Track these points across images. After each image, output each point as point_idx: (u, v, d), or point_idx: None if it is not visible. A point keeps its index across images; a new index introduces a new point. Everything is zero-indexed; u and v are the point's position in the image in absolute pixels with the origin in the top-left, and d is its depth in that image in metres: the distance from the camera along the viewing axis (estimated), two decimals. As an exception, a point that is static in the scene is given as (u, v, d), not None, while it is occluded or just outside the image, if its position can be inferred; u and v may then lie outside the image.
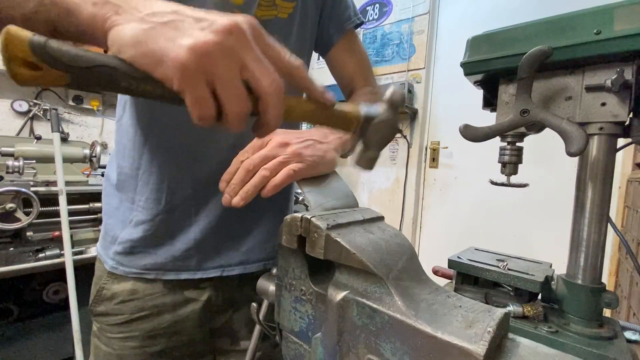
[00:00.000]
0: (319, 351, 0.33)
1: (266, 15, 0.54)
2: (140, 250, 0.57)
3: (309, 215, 0.35)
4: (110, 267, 0.58)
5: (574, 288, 0.50)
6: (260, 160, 0.45)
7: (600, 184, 0.48)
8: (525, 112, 0.47)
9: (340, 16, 0.67)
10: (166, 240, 0.58)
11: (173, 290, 0.59)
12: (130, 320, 0.58)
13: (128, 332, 0.58)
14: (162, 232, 0.57)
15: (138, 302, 0.58)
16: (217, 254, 0.60)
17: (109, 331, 0.59)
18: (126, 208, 0.59)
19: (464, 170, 2.23)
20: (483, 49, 0.54)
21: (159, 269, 0.58)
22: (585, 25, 0.45)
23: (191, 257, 0.58)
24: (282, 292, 0.39)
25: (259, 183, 0.44)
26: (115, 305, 0.58)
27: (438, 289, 0.33)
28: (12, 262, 1.31)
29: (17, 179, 1.44)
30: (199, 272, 0.59)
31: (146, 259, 0.57)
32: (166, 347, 0.59)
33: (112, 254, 0.59)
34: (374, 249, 0.32)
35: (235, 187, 0.45)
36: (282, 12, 0.56)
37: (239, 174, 0.45)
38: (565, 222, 0.58)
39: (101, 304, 0.59)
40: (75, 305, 1.35)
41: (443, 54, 2.36)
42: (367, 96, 0.67)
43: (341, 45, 0.69)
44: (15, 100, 2.19)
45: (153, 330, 0.58)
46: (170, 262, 0.58)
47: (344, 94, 0.75)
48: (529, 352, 0.27)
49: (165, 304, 0.59)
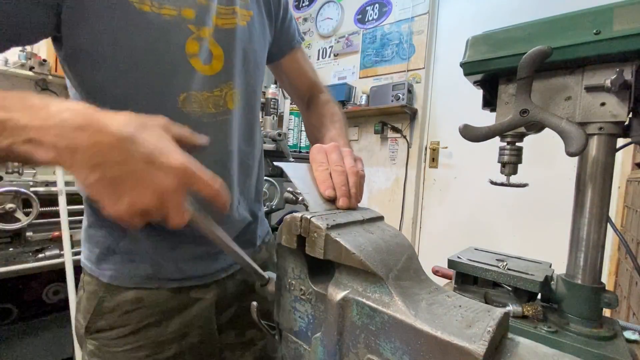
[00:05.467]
0: (319, 351, 0.33)
1: (227, 24, 0.56)
2: (140, 259, 0.56)
3: (308, 215, 0.35)
4: (108, 278, 0.56)
5: (574, 288, 0.50)
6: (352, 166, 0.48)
7: (600, 184, 0.48)
8: (525, 112, 0.47)
9: (289, 35, 0.74)
10: (165, 250, 0.56)
11: (179, 293, 0.58)
12: (137, 329, 0.56)
13: (135, 342, 0.56)
14: (159, 243, 0.56)
15: (144, 310, 0.56)
16: (216, 259, 0.61)
17: (114, 345, 0.56)
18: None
19: (463, 170, 2.23)
20: (483, 49, 0.54)
21: (161, 278, 0.57)
22: (585, 25, 0.45)
23: (191, 265, 0.58)
24: (282, 291, 0.39)
25: (362, 184, 0.48)
26: (120, 317, 0.55)
27: (438, 288, 0.33)
28: (12, 262, 1.31)
29: (16, 179, 1.44)
30: (203, 279, 0.60)
31: (147, 269, 0.56)
32: (176, 352, 0.58)
33: (109, 265, 0.56)
34: (374, 249, 0.32)
35: (353, 191, 0.46)
36: (241, 20, 0.58)
37: (353, 179, 0.46)
38: (565, 222, 0.58)
39: (102, 319, 0.56)
40: (75, 306, 1.35)
41: (443, 54, 2.36)
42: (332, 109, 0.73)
43: (292, 59, 0.77)
44: (15, 100, 2.19)
45: (161, 336, 0.57)
46: (172, 271, 0.57)
47: (301, 100, 0.82)
48: (528, 351, 0.27)
49: (171, 308, 0.57)
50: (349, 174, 0.45)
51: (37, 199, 1.40)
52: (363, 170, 0.49)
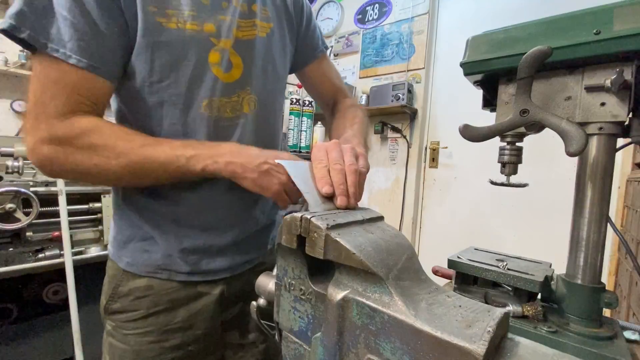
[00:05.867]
0: (319, 351, 0.33)
1: (247, 36, 0.61)
2: (153, 251, 0.60)
3: (308, 215, 0.35)
4: (125, 264, 0.61)
5: (574, 288, 0.50)
6: (351, 164, 0.48)
7: (600, 184, 0.48)
8: (524, 112, 0.47)
9: (312, 44, 0.79)
10: (175, 244, 0.60)
11: (187, 285, 0.62)
12: (146, 315, 0.60)
13: (144, 327, 0.60)
14: (171, 238, 0.60)
15: (154, 297, 0.60)
16: (225, 259, 0.64)
17: (125, 328, 0.61)
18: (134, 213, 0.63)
19: (463, 170, 2.23)
20: (483, 49, 0.54)
21: (171, 269, 0.61)
22: (585, 25, 0.45)
23: (200, 261, 0.62)
24: (281, 291, 0.39)
25: (362, 182, 0.49)
26: (132, 302, 0.60)
27: (438, 288, 0.33)
28: (12, 262, 1.31)
29: (16, 179, 1.44)
30: (209, 275, 0.63)
31: (159, 260, 0.60)
32: (181, 342, 0.62)
33: (127, 252, 0.61)
34: (374, 249, 0.32)
35: (352, 190, 0.45)
36: (261, 32, 0.64)
37: (352, 177, 0.45)
38: (565, 222, 0.58)
39: (117, 301, 0.61)
40: (75, 306, 1.35)
41: (443, 54, 2.36)
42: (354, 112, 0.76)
43: (316, 67, 0.81)
44: (15, 100, 2.19)
45: (168, 325, 0.61)
46: (180, 265, 0.61)
47: (327, 105, 0.85)
48: (528, 351, 0.27)
49: (179, 299, 0.61)
50: (348, 173, 0.45)
51: (37, 199, 1.40)
52: (366, 167, 0.49)
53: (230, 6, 0.59)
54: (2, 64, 2.04)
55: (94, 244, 1.63)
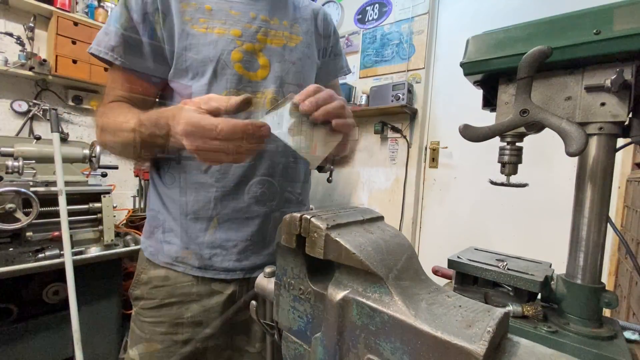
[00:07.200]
0: (319, 351, 0.33)
1: (276, 43, 0.70)
2: (173, 242, 0.65)
3: (308, 215, 0.35)
4: (149, 254, 0.67)
5: (574, 288, 0.50)
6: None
7: (600, 184, 0.48)
8: (524, 112, 0.47)
9: (337, 65, 0.89)
10: (192, 241, 0.64)
11: (201, 281, 0.65)
12: (160, 305, 0.65)
13: (158, 316, 0.65)
14: (190, 233, 0.65)
15: (169, 288, 0.65)
16: (239, 258, 0.66)
17: (143, 315, 0.66)
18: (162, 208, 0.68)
19: (463, 170, 2.23)
20: (483, 49, 0.54)
21: (187, 263, 0.64)
22: (585, 25, 0.45)
23: (215, 259, 0.65)
24: (281, 291, 0.39)
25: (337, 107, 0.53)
26: (150, 290, 0.65)
27: (438, 288, 0.33)
28: (12, 262, 1.31)
29: (16, 179, 1.44)
30: (222, 273, 0.65)
31: (178, 252, 0.65)
32: (190, 337, 0.65)
33: (151, 242, 0.67)
34: (374, 249, 0.32)
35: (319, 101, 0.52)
36: (290, 42, 0.73)
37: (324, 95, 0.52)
38: (565, 222, 0.58)
39: (138, 288, 0.67)
40: (75, 306, 1.35)
41: (443, 54, 2.36)
42: None
43: (331, 86, 0.86)
44: (14, 100, 2.19)
45: (180, 318, 0.64)
46: (197, 260, 0.64)
47: None
48: (528, 352, 0.27)
49: (192, 293, 0.65)
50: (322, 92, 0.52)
51: (37, 198, 1.40)
52: (344, 103, 0.55)
53: (258, 18, 0.69)
54: (2, 63, 2.04)
55: (94, 244, 1.63)
